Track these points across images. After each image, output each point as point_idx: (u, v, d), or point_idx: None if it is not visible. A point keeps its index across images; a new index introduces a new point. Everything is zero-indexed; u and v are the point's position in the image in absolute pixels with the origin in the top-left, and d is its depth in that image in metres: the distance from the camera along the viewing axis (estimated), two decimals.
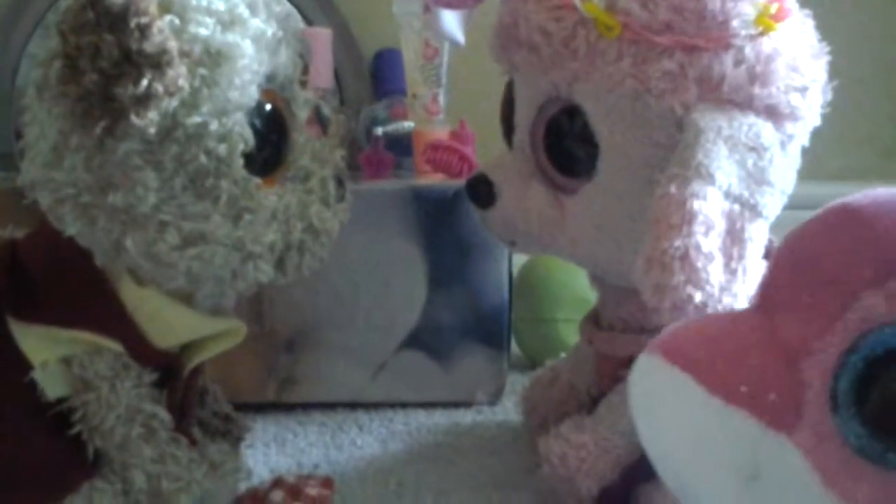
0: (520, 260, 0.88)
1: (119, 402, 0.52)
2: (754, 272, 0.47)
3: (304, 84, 0.55)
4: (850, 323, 0.30)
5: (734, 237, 0.48)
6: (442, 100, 0.89)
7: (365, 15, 1.17)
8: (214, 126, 0.48)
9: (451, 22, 0.67)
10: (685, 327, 0.38)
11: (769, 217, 0.49)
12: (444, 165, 0.80)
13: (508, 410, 0.78)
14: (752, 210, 0.48)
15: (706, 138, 0.48)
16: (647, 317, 0.57)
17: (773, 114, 0.51)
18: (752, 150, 0.49)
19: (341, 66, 1.12)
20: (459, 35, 0.68)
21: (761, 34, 0.51)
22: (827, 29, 0.55)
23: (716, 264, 0.46)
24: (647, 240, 0.47)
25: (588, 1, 0.51)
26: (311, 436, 0.74)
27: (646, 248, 0.47)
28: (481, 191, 0.60)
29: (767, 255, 0.50)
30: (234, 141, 0.49)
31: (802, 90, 0.52)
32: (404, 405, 0.79)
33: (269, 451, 0.71)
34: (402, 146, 0.89)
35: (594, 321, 0.64)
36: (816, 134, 0.54)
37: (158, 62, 0.44)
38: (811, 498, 0.30)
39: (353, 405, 0.79)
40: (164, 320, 0.53)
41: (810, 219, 0.34)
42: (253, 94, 0.50)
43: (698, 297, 0.46)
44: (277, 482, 0.60)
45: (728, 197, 0.48)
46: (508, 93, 0.60)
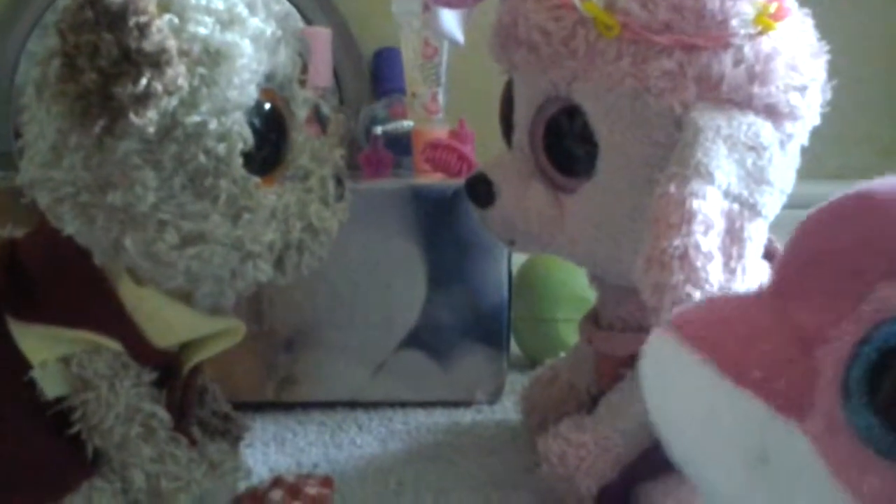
0: (519, 259, 0.88)
1: (118, 401, 0.52)
2: (754, 271, 0.47)
3: (304, 83, 0.55)
4: (865, 314, 0.30)
5: (733, 236, 0.48)
6: (441, 99, 0.88)
7: (364, 14, 1.17)
8: (213, 125, 0.48)
9: (451, 21, 0.67)
10: (700, 307, 0.38)
11: (768, 216, 0.49)
12: (444, 165, 0.80)
13: (508, 410, 0.78)
14: (751, 209, 0.48)
15: (705, 137, 0.48)
16: (647, 316, 0.57)
17: (772, 113, 0.51)
18: (751, 150, 0.49)
19: (340, 65, 1.12)
20: (459, 34, 0.68)
21: (760, 33, 0.51)
22: (826, 28, 0.55)
23: (715, 263, 0.46)
24: (646, 239, 0.47)
25: (587, 0, 0.51)
26: (311, 435, 0.74)
27: (645, 248, 0.47)
28: (480, 190, 0.60)
29: (767, 255, 0.50)
30: (233, 140, 0.49)
31: (802, 89, 0.52)
32: (404, 404, 0.79)
33: (268, 451, 0.71)
34: (401, 145, 0.89)
35: (593, 320, 0.64)
36: (816, 133, 0.54)
37: (157, 61, 0.44)
38: (818, 485, 0.30)
39: (353, 404, 0.79)
40: (163, 319, 0.53)
41: (826, 204, 0.34)
42: (252, 94, 0.50)
43: (697, 297, 0.46)
44: (277, 481, 0.60)
45: (727, 196, 0.48)
46: (507, 92, 0.60)
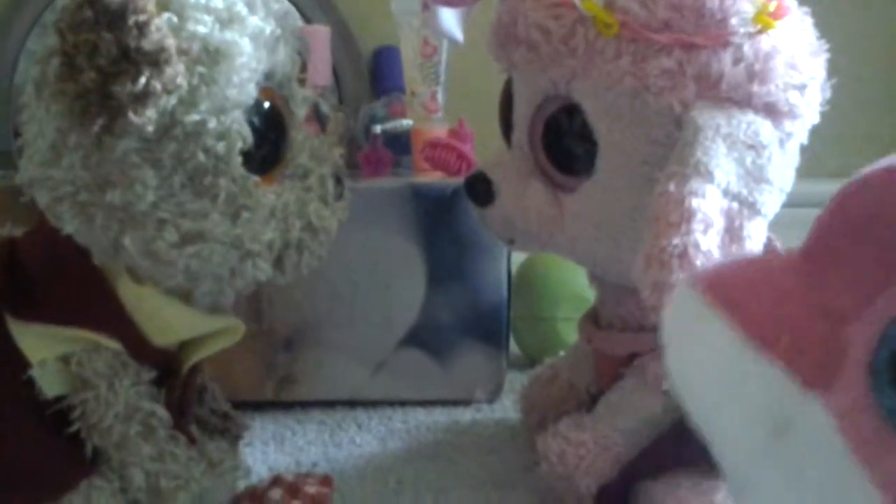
0: (519, 258, 0.88)
1: (117, 400, 0.52)
2: None
3: (303, 82, 0.55)
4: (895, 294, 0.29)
5: (733, 235, 0.48)
6: (440, 98, 0.88)
7: (363, 13, 1.17)
8: (213, 124, 0.48)
9: (450, 20, 0.67)
10: (728, 266, 0.36)
11: (768, 215, 0.49)
12: (443, 163, 0.80)
13: (507, 409, 0.78)
14: (750, 208, 0.48)
15: (705, 136, 0.48)
16: (646, 315, 0.57)
17: (771, 112, 0.51)
18: (750, 148, 0.49)
19: (340, 63, 1.12)
20: (458, 33, 0.68)
21: (760, 32, 0.51)
22: (826, 27, 0.55)
23: (714, 262, 0.46)
24: (645, 238, 0.47)
25: None
26: (310, 434, 0.74)
27: (644, 246, 0.47)
28: (480, 189, 0.60)
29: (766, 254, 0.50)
30: (232, 139, 0.49)
31: (801, 88, 0.52)
32: (403, 403, 0.79)
33: (267, 450, 0.71)
34: (400, 144, 0.89)
35: (593, 320, 0.63)
36: (816, 132, 0.54)
37: (157, 60, 0.44)
38: (837, 462, 0.29)
39: (352, 403, 0.79)
40: (162, 318, 0.53)
41: (863, 176, 0.33)
42: (251, 92, 0.50)
43: None
44: (276, 480, 0.60)
45: (727, 195, 0.48)
46: (507, 91, 0.60)
